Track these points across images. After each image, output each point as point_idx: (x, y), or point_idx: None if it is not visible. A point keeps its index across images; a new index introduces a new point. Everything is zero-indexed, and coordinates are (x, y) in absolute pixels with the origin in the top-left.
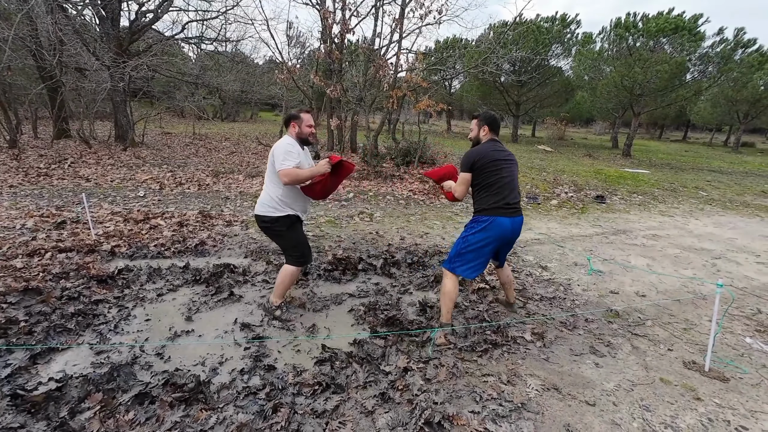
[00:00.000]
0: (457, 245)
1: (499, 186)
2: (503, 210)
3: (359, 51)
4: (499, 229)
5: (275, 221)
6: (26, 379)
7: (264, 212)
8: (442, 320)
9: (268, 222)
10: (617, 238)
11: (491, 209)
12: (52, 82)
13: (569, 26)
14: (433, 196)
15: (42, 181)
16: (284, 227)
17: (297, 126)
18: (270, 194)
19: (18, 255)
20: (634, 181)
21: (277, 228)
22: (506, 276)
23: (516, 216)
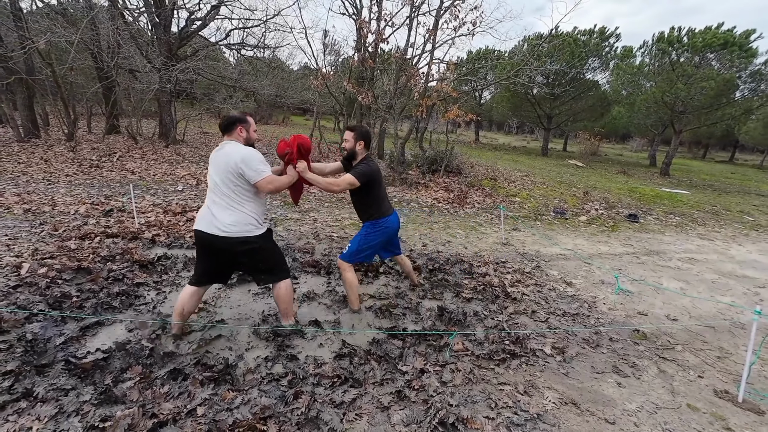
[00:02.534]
0: (357, 242)
1: (384, 194)
2: (389, 209)
3: (391, 60)
4: (391, 225)
5: (260, 240)
6: (77, 348)
7: (239, 233)
8: (353, 308)
9: (252, 243)
10: (649, 258)
11: (384, 212)
12: (108, 82)
13: (608, 39)
14: (458, 205)
15: (93, 172)
16: (266, 243)
17: (245, 130)
18: (246, 212)
19: (72, 237)
20: (672, 202)
21: (265, 245)
22: (407, 266)
23: (394, 210)
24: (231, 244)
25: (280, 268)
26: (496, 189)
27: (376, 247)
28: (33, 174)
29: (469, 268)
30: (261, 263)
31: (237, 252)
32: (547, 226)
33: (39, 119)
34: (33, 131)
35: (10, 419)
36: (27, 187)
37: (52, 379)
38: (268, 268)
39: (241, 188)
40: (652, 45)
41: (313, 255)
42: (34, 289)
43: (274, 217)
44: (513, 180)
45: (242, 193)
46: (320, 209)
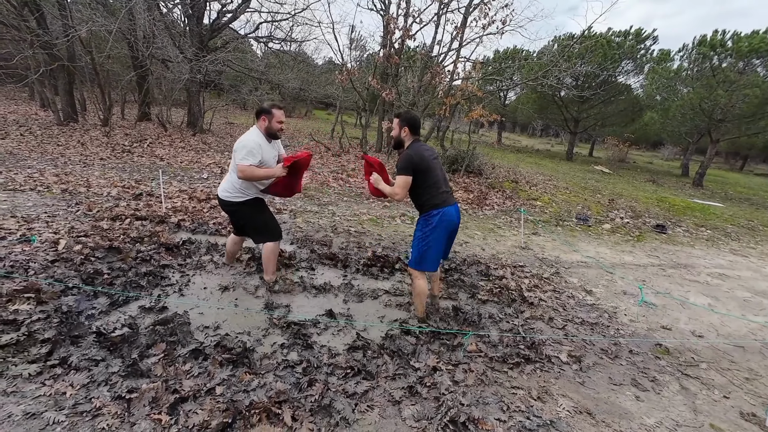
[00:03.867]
0: (419, 247)
1: (435, 181)
2: (447, 200)
3: (416, 57)
4: (448, 218)
5: (241, 205)
6: (106, 322)
7: (227, 197)
8: (419, 316)
9: (234, 206)
10: (676, 272)
11: (438, 204)
12: (142, 71)
13: (644, 41)
14: (477, 206)
15: (125, 157)
16: (249, 210)
17: (267, 120)
18: (232, 181)
19: (104, 218)
20: (704, 214)
21: (245, 211)
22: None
23: (454, 202)
24: (221, 204)
25: (262, 233)
26: (517, 191)
27: (440, 248)
28: (70, 156)
29: (486, 270)
30: (246, 224)
31: (225, 211)
32: (569, 232)
33: (77, 104)
34: (72, 115)
35: (47, 383)
36: (65, 168)
37: (84, 349)
38: (253, 230)
39: (234, 163)
40: (693, 48)
41: (330, 248)
42: (70, 264)
43: (294, 209)
44: (535, 183)
45: (235, 168)
46: (339, 203)
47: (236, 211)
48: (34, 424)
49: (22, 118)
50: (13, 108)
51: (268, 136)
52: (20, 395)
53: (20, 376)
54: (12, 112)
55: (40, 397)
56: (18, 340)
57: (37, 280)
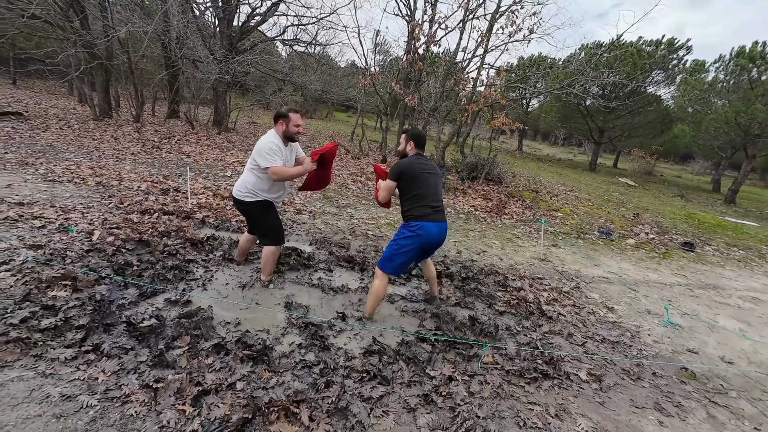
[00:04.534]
0: (390, 249)
1: (423, 194)
2: (430, 215)
3: (440, 62)
4: (427, 233)
5: (251, 205)
6: (135, 312)
7: (240, 196)
8: (366, 313)
9: (245, 206)
10: (704, 293)
11: (419, 216)
12: (174, 70)
13: (676, 51)
14: (495, 214)
15: (154, 152)
16: (258, 211)
17: (284, 124)
18: (246, 182)
19: (134, 211)
20: (736, 233)
21: (254, 211)
22: (431, 272)
23: (441, 221)
24: (234, 202)
25: (265, 235)
26: (537, 202)
27: (410, 257)
28: (104, 150)
29: (504, 281)
30: (252, 224)
31: (237, 209)
32: (590, 245)
33: (112, 101)
34: (107, 111)
35: (81, 368)
36: (99, 161)
37: (115, 337)
38: (258, 230)
39: (251, 164)
40: (730, 60)
41: (348, 250)
42: (103, 255)
43: (313, 210)
44: (556, 194)
45: (251, 168)
46: (357, 206)
47: (246, 210)
48: (69, 406)
49: (62, 113)
50: (54, 102)
51: (285, 139)
52: (57, 377)
53: (57, 359)
54: (53, 106)
55: (75, 380)
56: (56, 325)
57: (73, 269)
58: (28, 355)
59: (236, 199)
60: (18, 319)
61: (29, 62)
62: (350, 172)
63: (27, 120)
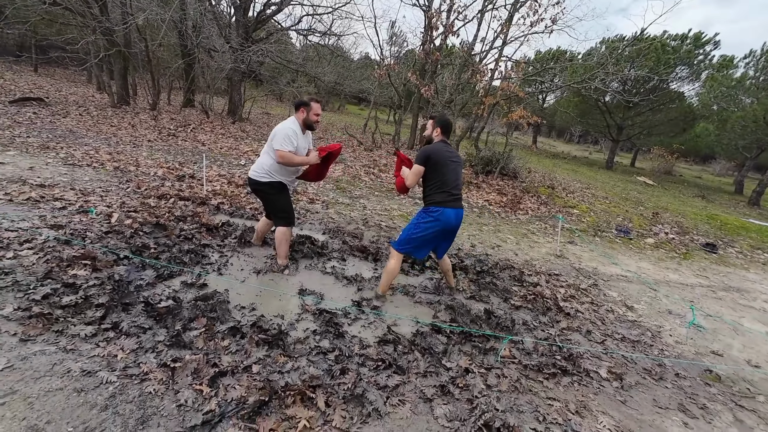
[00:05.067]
0: (408, 230)
1: (446, 181)
2: (450, 202)
3: (456, 54)
4: (446, 218)
5: (265, 185)
6: (153, 293)
7: (255, 177)
8: (379, 291)
9: (259, 186)
10: (728, 295)
11: (441, 202)
12: (190, 59)
13: (703, 47)
14: (510, 209)
15: (170, 140)
16: (272, 191)
17: (305, 112)
18: (263, 163)
19: (151, 196)
20: (761, 236)
21: (267, 191)
22: (446, 265)
23: (459, 208)
24: (249, 183)
25: (279, 216)
26: (552, 198)
27: (427, 240)
28: (122, 137)
29: (519, 276)
30: (267, 205)
31: (252, 190)
32: (608, 243)
33: (130, 89)
34: (124, 99)
35: (101, 345)
36: (117, 147)
37: (134, 317)
38: (272, 211)
39: (270, 148)
40: (761, 56)
41: (361, 240)
42: (121, 236)
43: (327, 200)
44: (572, 191)
45: (268, 152)
46: (370, 197)
47: (260, 191)
48: (89, 381)
49: (81, 99)
50: (74, 90)
51: (305, 127)
52: (78, 353)
53: (78, 335)
54: (72, 93)
55: (95, 357)
56: (77, 302)
57: (93, 249)
58: (50, 331)
59: (252, 179)
60: (40, 296)
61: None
62: (363, 164)
63: (48, 106)
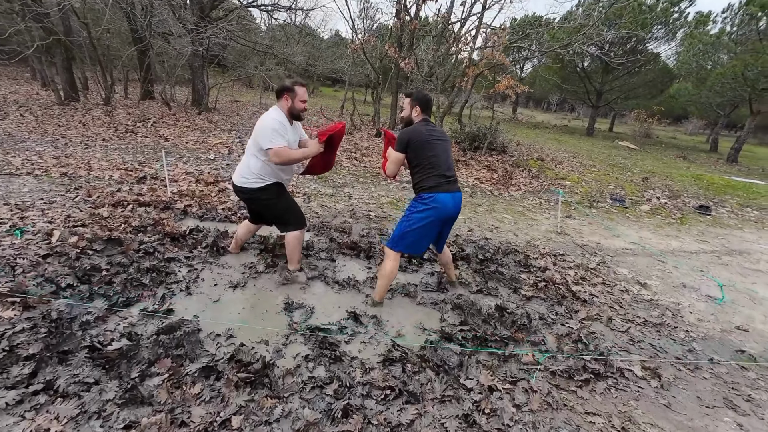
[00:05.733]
0: (401, 226)
1: (434, 163)
2: (443, 185)
3: (431, 25)
4: (441, 205)
5: (260, 191)
6: (102, 331)
7: (244, 184)
8: (375, 298)
9: (251, 193)
10: (733, 259)
11: (433, 187)
12: (142, 45)
13: (678, 4)
14: (502, 186)
15: (128, 137)
16: (271, 196)
17: (290, 99)
18: (249, 166)
19: (105, 204)
20: (747, 193)
21: (264, 198)
22: (446, 258)
23: (455, 191)
24: (237, 191)
25: (284, 221)
26: (543, 170)
27: (424, 233)
28: (71, 137)
29: (525, 260)
30: (266, 213)
31: (242, 199)
32: (605, 214)
33: (78, 83)
34: (72, 94)
35: (27, 416)
36: (65, 150)
37: (74, 368)
38: (274, 218)
39: (255, 148)
40: (739, 9)
41: (350, 235)
42: (64, 259)
43: (308, 191)
44: (560, 161)
45: (253, 152)
46: (355, 185)
47: (254, 199)
48: None
49: (23, 98)
50: (15, 88)
51: (291, 117)
52: None
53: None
54: (13, 92)
55: None
56: None
57: (24, 280)
58: None
59: (240, 187)
60: None
61: None
62: (343, 149)
63: None
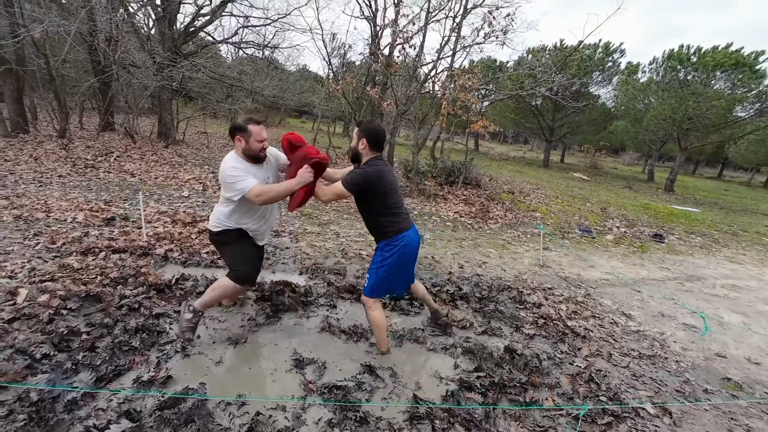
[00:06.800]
0: (375, 273)
1: (398, 204)
2: (406, 221)
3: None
4: (410, 242)
5: (217, 235)
6: (93, 411)
7: (211, 227)
8: (381, 349)
9: (214, 236)
10: (694, 285)
11: (400, 228)
12: (105, 77)
13: (612, 55)
14: (481, 219)
15: (89, 173)
16: (228, 239)
17: (243, 140)
18: (220, 212)
19: (73, 252)
20: (688, 220)
21: (222, 240)
22: (421, 290)
23: (412, 224)
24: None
25: (229, 265)
26: (515, 203)
27: (400, 274)
28: (22, 173)
29: (519, 297)
30: (221, 255)
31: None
32: (576, 245)
33: (28, 113)
34: (22, 126)
35: None
36: (16, 188)
37: None
38: (226, 263)
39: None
40: (663, 62)
41: (345, 277)
42: (35, 322)
43: (293, 230)
44: (527, 193)
45: (222, 198)
46: (340, 221)
47: (216, 241)
48: None
49: None
50: None
51: (249, 159)
52: None
53: None
54: None
55: None
56: None
57: None
58: None
59: (209, 230)
60: None
61: None
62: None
63: None
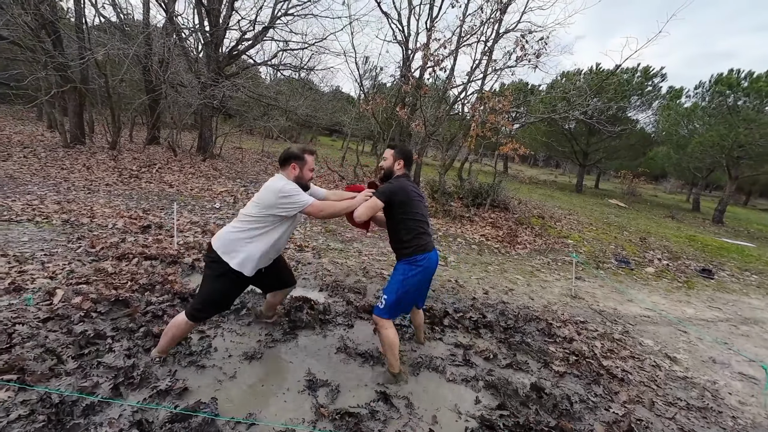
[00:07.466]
0: (395, 291)
1: (421, 222)
2: (430, 243)
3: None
4: (430, 264)
5: (216, 262)
6: (108, 419)
7: (216, 247)
8: (392, 371)
9: (212, 260)
10: (751, 330)
11: (423, 246)
12: (156, 95)
13: (651, 79)
14: (508, 244)
15: (132, 183)
16: (214, 273)
17: (298, 168)
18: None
19: (109, 257)
20: (741, 256)
21: (219, 269)
22: (420, 318)
23: (434, 247)
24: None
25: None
26: (546, 228)
27: (419, 294)
28: (74, 181)
29: (548, 329)
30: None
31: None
32: (612, 276)
33: (86, 126)
34: (79, 138)
35: None
36: (67, 194)
37: None
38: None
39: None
40: (710, 87)
41: (365, 296)
42: (66, 323)
43: (316, 246)
44: (558, 218)
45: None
46: (363, 239)
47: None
48: None
49: (28, 140)
50: (20, 128)
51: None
52: None
53: None
54: (18, 132)
55: None
56: None
57: (21, 353)
58: None
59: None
60: None
61: None
62: None
63: None
